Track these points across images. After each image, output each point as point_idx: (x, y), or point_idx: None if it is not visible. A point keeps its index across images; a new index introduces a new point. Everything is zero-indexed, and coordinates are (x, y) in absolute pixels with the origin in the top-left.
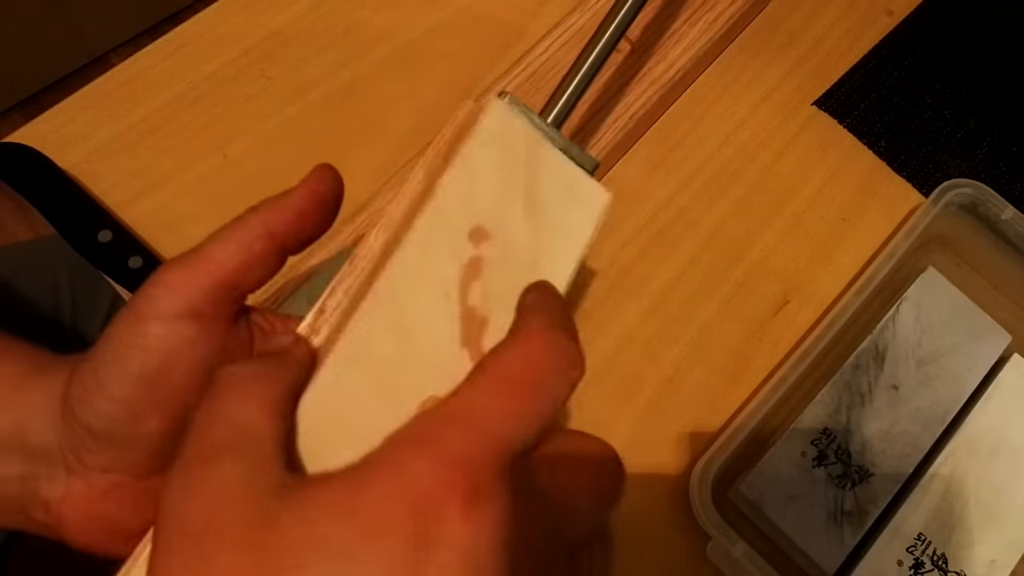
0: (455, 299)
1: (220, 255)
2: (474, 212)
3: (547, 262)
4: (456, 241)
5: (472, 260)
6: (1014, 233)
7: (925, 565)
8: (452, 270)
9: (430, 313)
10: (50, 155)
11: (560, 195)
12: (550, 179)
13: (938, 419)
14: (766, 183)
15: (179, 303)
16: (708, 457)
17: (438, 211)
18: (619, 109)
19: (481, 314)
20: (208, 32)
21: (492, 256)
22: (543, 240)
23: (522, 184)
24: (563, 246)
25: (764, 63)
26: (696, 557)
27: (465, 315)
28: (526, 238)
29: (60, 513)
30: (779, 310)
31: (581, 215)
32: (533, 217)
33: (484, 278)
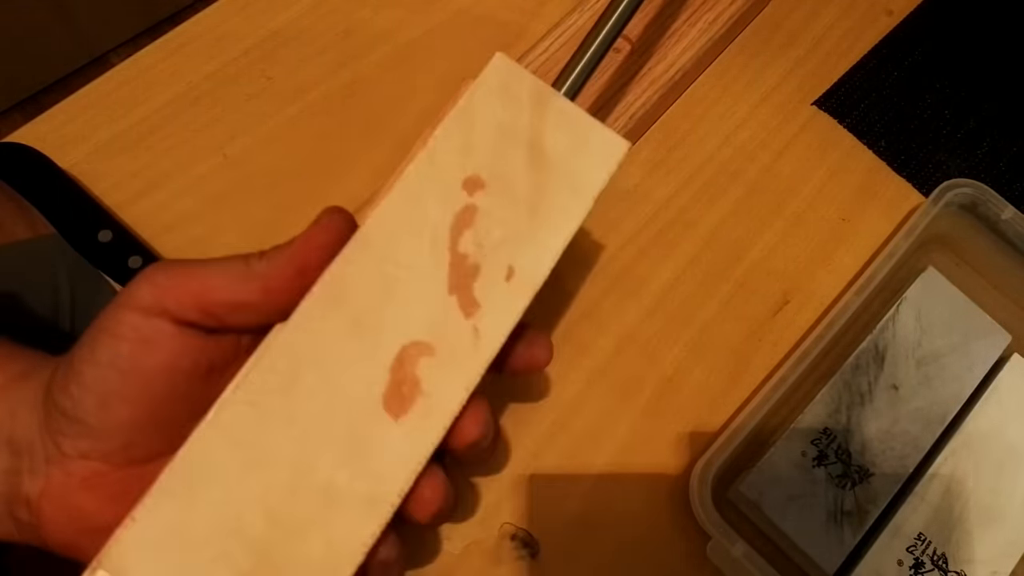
0: (445, 246)
1: (213, 282)
2: (470, 161)
3: (549, 212)
4: (448, 189)
5: (466, 208)
6: (1014, 233)
7: (925, 565)
8: (443, 217)
9: (416, 259)
10: (50, 155)
11: (569, 145)
12: (558, 129)
13: (938, 419)
14: (766, 183)
15: (157, 302)
16: (708, 457)
17: (430, 159)
18: (619, 109)
19: (473, 261)
20: (208, 32)
21: (487, 205)
22: (547, 190)
23: (525, 134)
24: (569, 196)
25: (764, 63)
26: (696, 557)
27: (455, 262)
28: (527, 188)
29: (40, 509)
30: (779, 310)
31: (592, 165)
32: (537, 167)
33: (477, 226)
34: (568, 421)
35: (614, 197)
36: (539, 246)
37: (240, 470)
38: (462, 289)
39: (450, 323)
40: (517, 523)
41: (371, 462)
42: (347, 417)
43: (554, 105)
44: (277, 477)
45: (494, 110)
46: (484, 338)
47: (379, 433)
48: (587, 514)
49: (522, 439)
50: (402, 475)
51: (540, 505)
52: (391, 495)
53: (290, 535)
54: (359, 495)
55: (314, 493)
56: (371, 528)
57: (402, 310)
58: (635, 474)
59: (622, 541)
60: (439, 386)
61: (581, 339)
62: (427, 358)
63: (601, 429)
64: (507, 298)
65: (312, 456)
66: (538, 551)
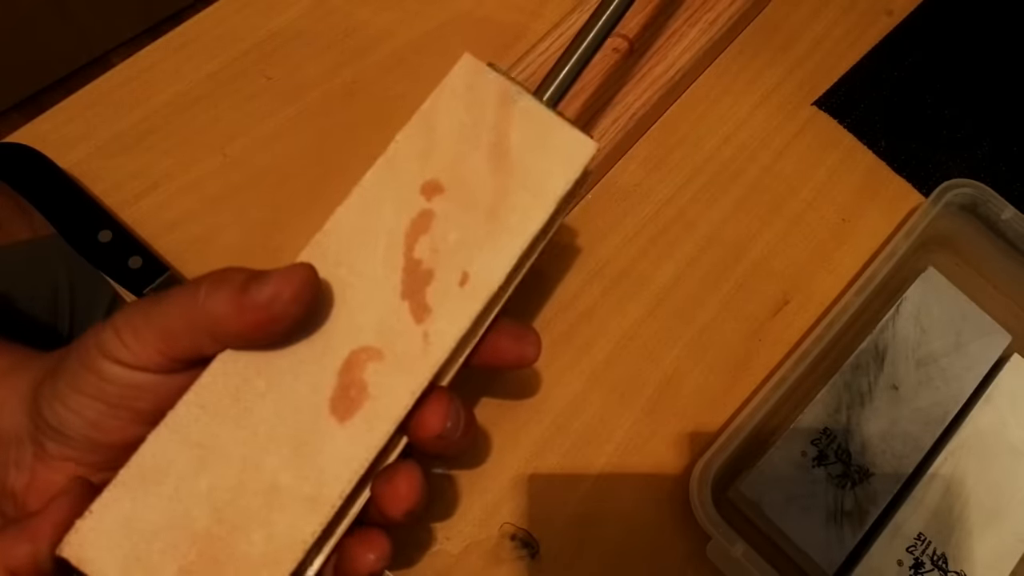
0: (399, 252)
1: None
2: (430, 165)
3: (509, 215)
4: (406, 194)
5: (422, 213)
6: (1014, 233)
7: (925, 565)
8: (398, 223)
9: (369, 265)
10: (50, 155)
11: (533, 146)
12: (523, 130)
13: (938, 419)
14: (766, 183)
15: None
16: (708, 457)
17: (388, 164)
18: (619, 109)
19: (427, 267)
20: (208, 32)
21: (445, 210)
22: (508, 193)
23: (488, 137)
24: (530, 199)
25: (764, 63)
26: (696, 557)
27: (409, 267)
28: (488, 192)
29: (25, 503)
30: (779, 310)
31: (556, 165)
32: (499, 169)
33: (433, 232)
34: (568, 421)
35: (614, 197)
36: (496, 250)
37: (190, 468)
38: (414, 295)
39: (400, 329)
40: (517, 523)
41: (315, 463)
42: (294, 420)
43: (520, 105)
44: (224, 476)
45: (457, 112)
46: (434, 343)
47: (324, 435)
48: (587, 514)
49: (522, 439)
50: (345, 476)
51: (540, 505)
52: (333, 496)
53: (233, 530)
54: (302, 495)
55: (259, 492)
56: (311, 527)
57: (353, 316)
58: (635, 474)
59: (622, 541)
60: (386, 390)
61: (581, 339)
62: (375, 363)
63: (601, 429)
64: (460, 303)
65: (258, 457)
66: (538, 551)
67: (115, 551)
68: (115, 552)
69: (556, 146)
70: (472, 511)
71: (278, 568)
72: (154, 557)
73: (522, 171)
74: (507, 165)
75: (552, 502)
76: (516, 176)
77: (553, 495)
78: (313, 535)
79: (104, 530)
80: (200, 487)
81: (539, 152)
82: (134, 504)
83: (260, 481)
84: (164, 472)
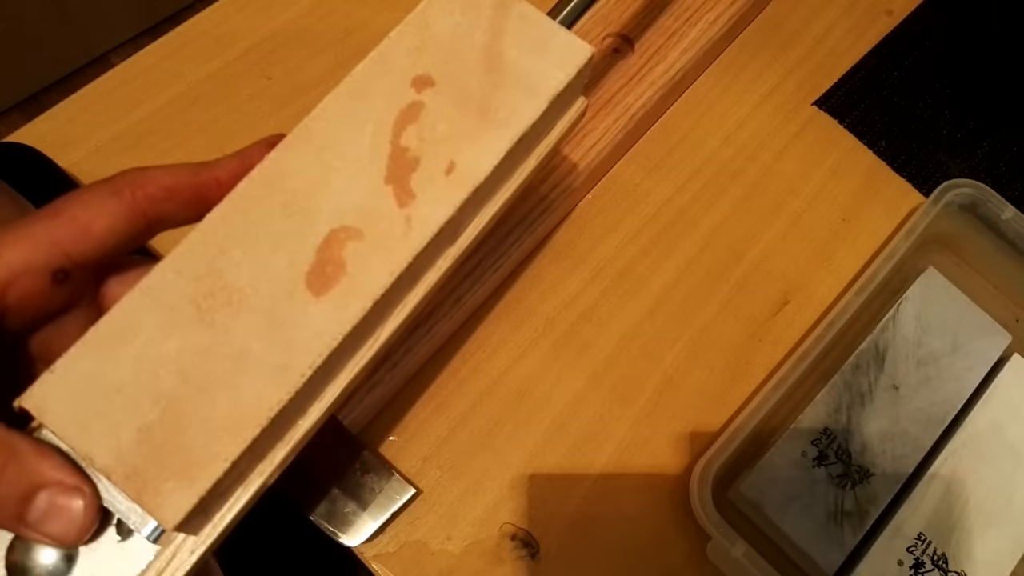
0: (386, 139)
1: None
2: (422, 61)
3: (499, 111)
4: (396, 86)
5: (412, 104)
6: (1014, 233)
7: (925, 565)
8: (387, 112)
9: (355, 150)
10: (50, 155)
11: (528, 48)
12: (519, 34)
13: (938, 419)
14: (766, 183)
15: None
16: (708, 457)
17: (379, 58)
18: (619, 109)
19: (414, 155)
20: (208, 32)
21: (435, 103)
22: (500, 90)
23: (483, 37)
24: (522, 96)
25: (764, 63)
26: (696, 557)
27: (395, 154)
28: (480, 88)
29: None
30: (779, 310)
31: (550, 67)
32: (492, 68)
33: (421, 122)
34: (568, 421)
35: (614, 197)
36: (484, 144)
37: (160, 331)
38: (399, 180)
39: (382, 211)
40: (517, 523)
41: (287, 335)
42: (269, 291)
43: (516, 10)
44: (194, 339)
45: (452, 13)
46: (415, 228)
47: (298, 308)
48: (587, 514)
49: (522, 439)
50: (316, 348)
51: (540, 505)
52: (302, 366)
53: (199, 392)
54: (271, 363)
55: (227, 358)
56: (278, 395)
57: (335, 197)
58: (635, 474)
59: (622, 541)
60: (364, 269)
61: (581, 339)
62: (355, 242)
63: (601, 429)
64: (444, 191)
65: (230, 323)
66: (538, 551)
67: (76, 405)
68: (76, 406)
69: (551, 49)
70: (472, 511)
71: (240, 433)
72: (115, 413)
73: (515, 70)
74: (500, 64)
75: (552, 502)
76: (509, 74)
77: (553, 495)
78: (279, 403)
79: (67, 384)
80: (168, 349)
81: (533, 53)
82: (99, 362)
83: (230, 346)
84: (133, 332)
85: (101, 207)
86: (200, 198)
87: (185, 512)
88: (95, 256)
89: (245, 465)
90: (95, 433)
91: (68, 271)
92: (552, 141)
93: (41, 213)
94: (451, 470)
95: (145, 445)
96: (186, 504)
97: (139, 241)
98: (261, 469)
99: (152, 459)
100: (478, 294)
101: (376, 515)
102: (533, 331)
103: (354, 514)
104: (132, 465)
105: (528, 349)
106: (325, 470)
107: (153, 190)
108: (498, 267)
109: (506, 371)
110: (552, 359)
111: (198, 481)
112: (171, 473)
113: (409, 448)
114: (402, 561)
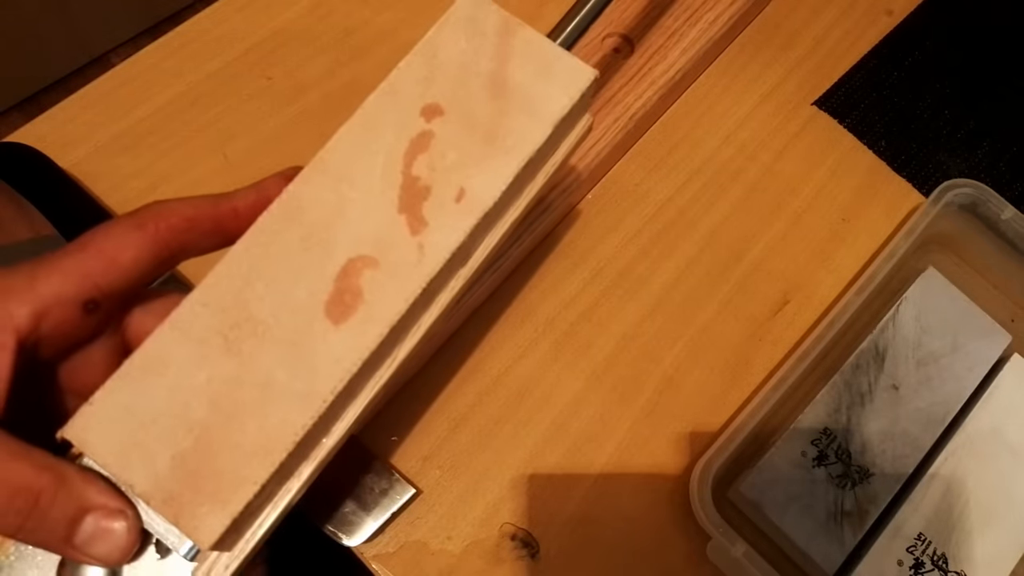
0: (398, 169)
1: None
2: (431, 90)
3: (506, 137)
4: (405, 116)
5: (422, 134)
6: (1014, 233)
7: (925, 565)
8: (398, 142)
9: (369, 180)
10: (50, 155)
11: (533, 73)
12: (524, 59)
13: (938, 419)
14: (766, 183)
15: None
16: (708, 457)
17: (390, 89)
18: (619, 109)
19: (424, 184)
20: (208, 32)
21: (444, 132)
22: (506, 116)
23: (489, 64)
24: (528, 121)
25: (764, 63)
26: (696, 557)
27: (407, 184)
28: (487, 115)
29: None
30: (779, 310)
31: (554, 91)
32: (498, 95)
33: (432, 151)
34: (568, 421)
35: (614, 197)
36: (492, 170)
37: (190, 362)
38: (411, 209)
39: (396, 240)
40: (517, 523)
41: (309, 363)
42: (291, 322)
43: (520, 36)
44: (222, 371)
45: (458, 42)
46: (428, 254)
47: (319, 337)
48: (587, 514)
49: (522, 439)
50: (336, 374)
51: (540, 505)
52: (324, 392)
53: (228, 420)
54: (295, 391)
55: (254, 386)
56: (303, 420)
57: (351, 227)
58: (635, 474)
59: (622, 541)
60: (380, 296)
61: (581, 339)
62: (371, 271)
63: (601, 429)
64: (455, 218)
65: (256, 354)
66: (538, 551)
67: (114, 436)
68: (114, 437)
69: (555, 73)
70: (472, 511)
71: (268, 457)
72: (151, 443)
73: (521, 96)
74: (506, 91)
75: (552, 502)
76: (515, 101)
77: (553, 495)
78: (304, 428)
79: (105, 416)
80: (199, 379)
81: (538, 79)
82: (134, 394)
83: (256, 375)
84: (165, 365)
85: (126, 239)
86: (220, 228)
87: (219, 533)
88: (122, 286)
89: (274, 486)
90: (133, 461)
91: (98, 301)
92: (558, 160)
93: (70, 247)
94: (451, 470)
95: (180, 471)
96: (220, 526)
97: (162, 270)
98: (288, 487)
99: (187, 484)
100: (478, 294)
101: (376, 515)
102: (533, 331)
103: (354, 514)
104: (169, 491)
105: (528, 349)
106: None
107: (175, 221)
108: (498, 267)
109: (506, 371)
110: (552, 359)
111: (230, 504)
112: (205, 497)
113: (409, 448)
114: (402, 561)
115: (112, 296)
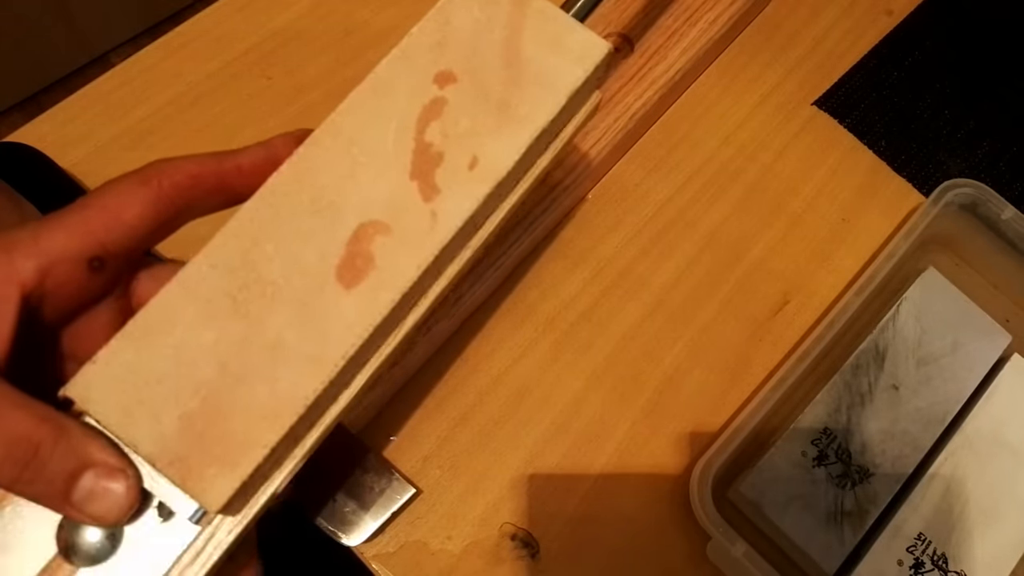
0: (410, 135)
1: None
2: (444, 57)
3: (519, 106)
4: (418, 82)
5: (435, 100)
6: (1014, 233)
7: (925, 565)
8: (411, 108)
9: (380, 145)
10: (50, 155)
11: (546, 44)
12: (537, 30)
13: (938, 419)
14: (766, 183)
15: None
16: (708, 457)
17: (402, 55)
18: (619, 109)
19: (437, 150)
20: (208, 32)
21: (457, 99)
22: (519, 86)
23: (502, 32)
24: (541, 92)
25: (764, 63)
26: (696, 557)
27: (419, 150)
28: (500, 83)
29: None
30: (779, 310)
31: (568, 63)
32: (512, 64)
33: (444, 118)
34: (568, 421)
35: (614, 197)
36: (506, 138)
37: (197, 322)
38: (424, 175)
39: (409, 206)
40: (517, 523)
41: (320, 326)
42: (301, 283)
43: (534, 6)
44: (230, 332)
45: (471, 10)
46: (441, 222)
47: (330, 300)
48: (587, 514)
49: (522, 439)
50: (348, 339)
51: (540, 505)
52: (336, 356)
53: (237, 382)
54: (306, 354)
55: (264, 347)
56: (314, 384)
57: (363, 192)
58: (635, 474)
59: (622, 541)
60: (392, 262)
61: (581, 339)
62: (383, 236)
63: (601, 429)
64: (468, 185)
65: (264, 315)
66: (538, 551)
67: (119, 395)
68: (119, 396)
69: (569, 45)
70: (472, 511)
71: (278, 421)
72: (157, 402)
73: (534, 67)
74: (520, 60)
75: (552, 502)
76: (528, 71)
77: (553, 495)
78: (315, 392)
79: (109, 375)
80: (206, 340)
81: (551, 50)
82: (139, 353)
83: (265, 337)
84: (172, 324)
85: (131, 196)
86: (224, 185)
87: (228, 496)
88: (127, 244)
89: (282, 450)
90: (138, 421)
91: (103, 259)
92: (568, 135)
93: (75, 205)
94: (451, 470)
95: (187, 433)
96: (229, 489)
97: (168, 230)
98: (295, 453)
99: (194, 446)
100: (478, 293)
101: (376, 515)
102: (533, 331)
103: (354, 514)
104: (175, 452)
105: (528, 349)
106: (325, 470)
107: (180, 178)
108: (498, 266)
109: (506, 371)
110: (552, 359)
111: (240, 467)
112: (213, 459)
113: (409, 448)
114: (402, 561)
115: (117, 255)
